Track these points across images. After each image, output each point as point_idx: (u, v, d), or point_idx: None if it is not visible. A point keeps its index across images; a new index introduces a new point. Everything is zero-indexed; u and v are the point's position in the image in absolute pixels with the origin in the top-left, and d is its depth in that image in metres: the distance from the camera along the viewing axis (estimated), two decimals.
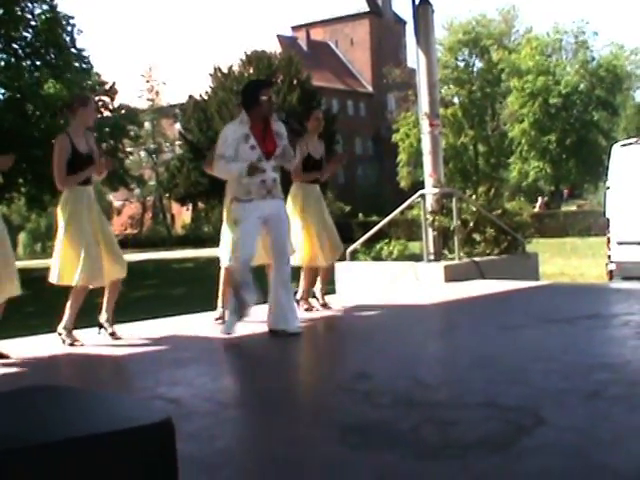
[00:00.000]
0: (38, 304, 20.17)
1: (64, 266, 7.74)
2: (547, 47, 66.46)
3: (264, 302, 8.35)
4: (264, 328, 8.13)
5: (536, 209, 49.42)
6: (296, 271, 9.41)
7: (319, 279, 9.93)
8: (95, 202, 8.09)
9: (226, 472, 4.10)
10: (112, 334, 8.08)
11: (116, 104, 44.38)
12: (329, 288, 10.20)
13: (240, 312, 7.80)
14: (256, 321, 8.50)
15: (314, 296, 9.95)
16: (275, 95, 54.47)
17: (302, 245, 9.42)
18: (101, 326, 8.15)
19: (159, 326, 9.22)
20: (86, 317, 8.33)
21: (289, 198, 9.40)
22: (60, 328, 7.92)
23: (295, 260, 9.40)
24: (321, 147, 9.71)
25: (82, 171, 7.77)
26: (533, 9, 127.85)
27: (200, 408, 5.37)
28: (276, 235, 7.88)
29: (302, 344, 7.59)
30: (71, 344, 7.82)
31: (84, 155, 7.82)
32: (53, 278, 7.82)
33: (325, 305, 9.91)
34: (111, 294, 8.09)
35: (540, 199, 53.42)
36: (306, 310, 9.58)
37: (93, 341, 7.98)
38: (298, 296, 9.77)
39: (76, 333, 7.95)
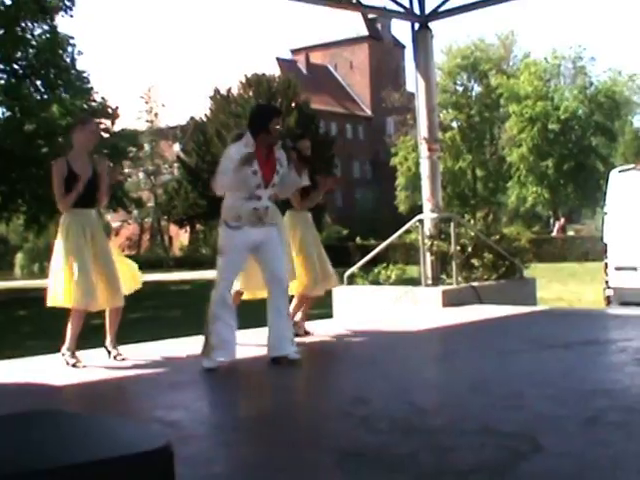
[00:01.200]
0: (35, 325, 20.14)
1: (57, 288, 7.77)
2: (545, 72, 66.64)
3: (260, 325, 8.37)
4: (261, 352, 8.12)
5: (553, 233, 49.37)
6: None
7: (304, 307, 9.88)
8: (99, 228, 8.10)
9: None
10: (116, 356, 8.10)
11: (117, 127, 44.42)
12: (326, 312, 10.18)
13: (203, 350, 7.64)
14: (253, 345, 8.49)
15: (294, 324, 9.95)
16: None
17: (299, 273, 9.44)
18: (108, 350, 8.18)
19: (156, 348, 9.21)
20: (88, 338, 8.33)
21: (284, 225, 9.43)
22: (63, 349, 7.96)
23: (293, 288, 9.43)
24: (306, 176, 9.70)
25: (80, 193, 7.79)
26: (531, 34, 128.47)
27: (197, 432, 5.37)
28: (270, 260, 7.72)
29: (299, 368, 7.57)
30: (74, 365, 7.86)
31: (82, 179, 7.83)
32: (48, 301, 7.85)
33: (307, 332, 9.81)
34: (112, 320, 8.13)
35: (557, 223, 52.93)
36: (305, 334, 9.58)
37: (93, 363, 7.98)
38: (298, 319, 9.83)
39: (79, 354, 7.97)
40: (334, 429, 5.30)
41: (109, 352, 8.17)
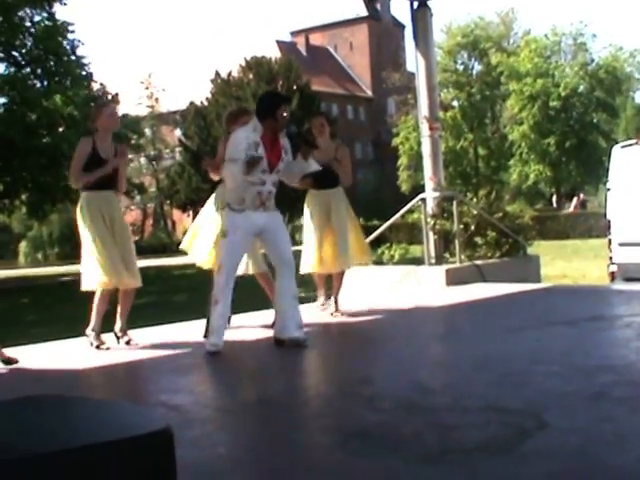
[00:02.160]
0: (39, 312, 20.17)
1: (91, 272, 7.83)
2: (546, 49, 66.43)
3: (262, 308, 8.39)
4: (265, 334, 8.12)
5: (571, 209, 49.16)
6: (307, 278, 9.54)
7: (334, 285, 9.98)
8: (117, 210, 8.17)
9: (228, 479, 4.09)
10: (128, 341, 8.14)
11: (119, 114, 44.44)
12: (329, 293, 10.19)
13: (205, 332, 7.76)
14: (256, 326, 8.50)
15: (329, 298, 10.06)
16: None
17: (310, 252, 9.51)
18: (117, 336, 8.19)
19: (161, 333, 9.22)
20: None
21: (305, 206, 9.57)
22: (88, 330, 8.06)
23: (306, 267, 9.49)
24: (332, 151, 9.69)
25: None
26: (532, 11, 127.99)
27: (201, 415, 5.37)
28: (275, 244, 7.77)
29: (303, 349, 7.57)
30: (97, 347, 7.96)
31: (105, 159, 7.89)
32: (83, 285, 7.90)
33: (337, 310, 9.90)
34: (124, 304, 8.16)
35: (575, 198, 52.52)
36: (332, 314, 9.75)
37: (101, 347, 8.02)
38: (320, 301, 9.90)
39: (103, 337, 8.02)
40: (338, 409, 5.30)
41: (118, 337, 8.19)
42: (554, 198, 69.07)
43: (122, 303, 8.18)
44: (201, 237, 8.80)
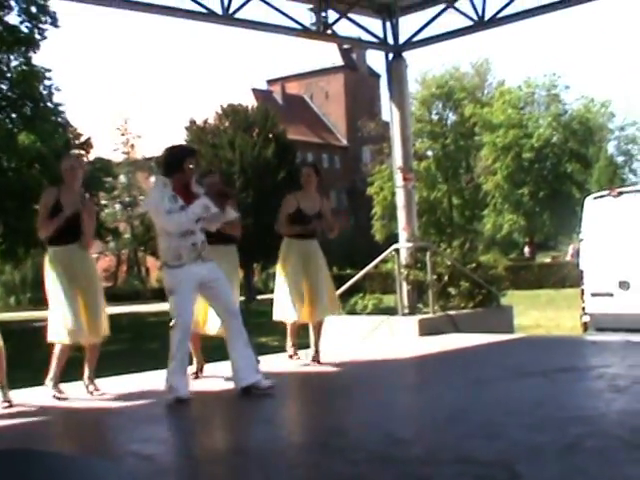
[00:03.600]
0: (13, 358, 19.98)
1: (56, 325, 7.82)
2: (520, 100, 67.03)
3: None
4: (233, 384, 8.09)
5: (567, 258, 49.09)
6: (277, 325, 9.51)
7: (311, 334, 9.95)
8: (84, 265, 8.10)
9: None
10: (93, 392, 8.08)
11: (91, 157, 44.36)
12: (302, 342, 10.17)
13: (165, 386, 7.58)
14: (228, 376, 8.46)
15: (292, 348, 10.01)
16: (250, 148, 54.78)
17: (276, 301, 9.48)
18: (85, 385, 8.15)
19: (133, 381, 9.17)
20: (66, 372, 8.30)
21: (280, 253, 9.54)
22: (47, 380, 7.98)
23: (283, 316, 9.47)
24: (318, 202, 9.73)
25: (66, 229, 7.81)
26: (506, 62, 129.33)
27: (174, 465, 5.33)
28: (217, 296, 7.72)
29: (276, 399, 7.53)
30: (57, 397, 7.88)
31: (66, 211, 7.85)
32: (49, 337, 7.90)
33: (316, 357, 9.87)
34: (90, 356, 8.13)
35: (572, 246, 52.47)
36: (312, 362, 9.73)
37: (71, 396, 7.96)
38: (290, 352, 9.84)
39: (62, 386, 7.97)
40: (311, 460, 5.27)
41: (87, 387, 8.14)
42: (526, 248, 69.33)
43: (88, 354, 8.15)
44: None
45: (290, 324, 9.82)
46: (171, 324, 7.71)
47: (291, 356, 10.06)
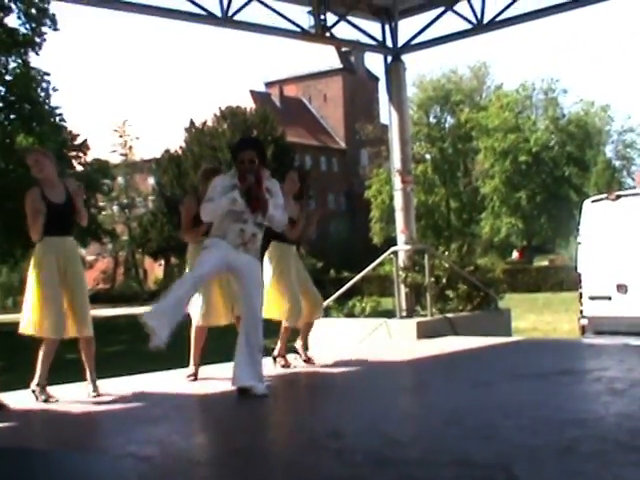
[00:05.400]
0: (10, 359, 19.98)
1: (28, 317, 7.76)
2: (517, 104, 67.11)
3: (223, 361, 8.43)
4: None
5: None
6: (273, 326, 9.44)
7: (300, 335, 9.96)
8: (73, 256, 8.06)
9: None
10: (92, 392, 8.05)
11: (89, 159, 44.39)
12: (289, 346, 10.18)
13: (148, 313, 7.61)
14: (227, 378, 8.47)
15: (295, 351, 9.97)
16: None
17: (280, 303, 9.45)
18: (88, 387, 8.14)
19: (131, 383, 9.16)
20: (62, 372, 8.29)
21: (266, 258, 9.47)
22: (33, 385, 7.88)
23: (270, 313, 9.42)
24: (296, 208, 9.74)
25: (58, 221, 7.79)
26: (505, 66, 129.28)
27: (171, 467, 5.32)
28: (245, 289, 7.73)
29: (274, 401, 7.54)
30: (45, 400, 7.79)
31: (59, 205, 7.83)
32: (20, 328, 7.82)
33: (308, 360, 9.92)
34: (85, 353, 8.08)
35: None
36: (283, 367, 9.58)
37: (67, 397, 7.94)
38: (275, 352, 9.80)
39: (50, 389, 7.92)
40: (309, 463, 5.27)
41: (88, 387, 8.11)
42: (514, 253, 69.54)
43: (83, 353, 8.10)
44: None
45: (289, 326, 9.77)
46: (195, 322, 7.73)
47: (285, 357, 10.01)
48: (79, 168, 42.78)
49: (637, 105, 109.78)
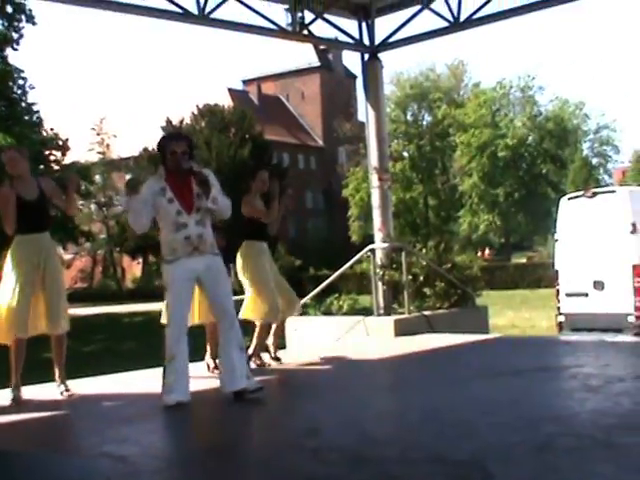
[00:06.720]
0: None
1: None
2: (494, 102, 67.30)
3: (200, 360, 8.41)
4: (211, 385, 8.06)
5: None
6: (247, 325, 9.41)
7: (272, 333, 9.93)
8: (50, 252, 8.04)
9: None
10: (62, 392, 8.00)
11: (67, 160, 44.14)
12: (279, 342, 10.18)
13: (162, 388, 7.36)
14: (204, 377, 8.46)
15: (267, 349, 9.94)
16: (226, 149, 54.76)
17: (257, 302, 9.42)
18: (58, 385, 8.09)
19: (108, 382, 9.15)
20: (37, 372, 8.25)
21: (239, 255, 9.43)
22: (13, 387, 7.84)
23: (246, 314, 9.41)
24: (263, 206, 9.72)
25: (32, 218, 7.76)
26: (483, 64, 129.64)
27: (148, 466, 5.31)
28: (214, 293, 7.52)
29: (250, 400, 7.51)
30: (20, 401, 7.75)
31: (31, 201, 7.81)
32: None
33: (276, 358, 9.92)
34: (54, 349, 8.03)
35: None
36: (258, 366, 9.54)
37: (43, 397, 7.91)
38: (250, 351, 9.74)
39: (25, 389, 7.89)
40: (285, 462, 5.27)
41: (58, 387, 8.07)
42: (486, 250, 69.82)
43: (54, 348, 8.04)
44: None
45: (266, 325, 9.74)
46: (163, 321, 7.65)
47: (277, 358, 10.02)
48: (56, 168, 42.60)
49: (610, 102, 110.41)
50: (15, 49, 35.58)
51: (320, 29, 14.44)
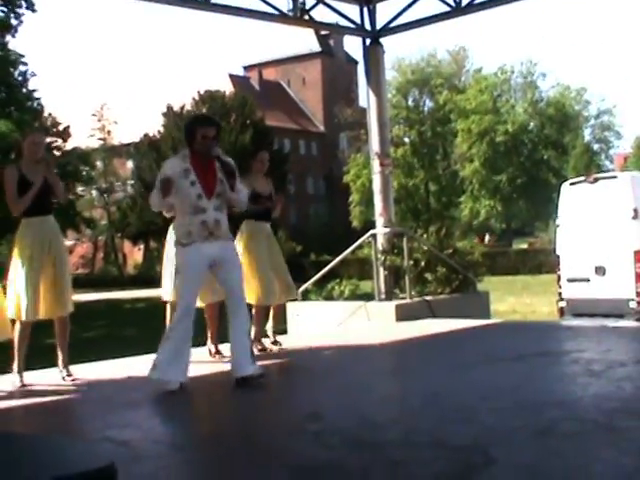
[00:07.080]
0: None
1: (9, 301, 7.73)
2: (496, 87, 67.22)
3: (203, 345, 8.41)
4: (213, 369, 8.06)
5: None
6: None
7: (271, 317, 9.92)
8: (57, 235, 8.05)
9: None
10: (65, 377, 8.00)
11: (69, 146, 44.12)
12: (281, 328, 10.18)
13: (151, 370, 7.35)
14: (206, 362, 8.46)
15: (266, 335, 9.93)
16: (227, 135, 54.63)
17: (252, 284, 9.38)
18: (60, 370, 8.08)
19: (110, 367, 9.14)
20: (40, 357, 8.26)
21: (237, 236, 9.38)
22: (14, 371, 7.85)
23: (263, 299, 9.41)
24: (269, 185, 9.72)
25: (38, 200, 7.77)
26: (485, 50, 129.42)
27: (150, 451, 5.32)
28: (225, 278, 7.49)
29: (252, 385, 7.50)
30: (22, 386, 7.75)
31: (36, 183, 7.82)
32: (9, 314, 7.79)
33: (276, 342, 9.90)
34: (58, 333, 8.03)
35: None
36: (260, 351, 9.52)
37: (45, 382, 7.91)
38: (251, 337, 9.74)
39: (27, 375, 7.89)
40: (287, 445, 5.28)
41: (60, 372, 8.07)
42: (486, 237, 69.78)
43: (58, 330, 8.03)
44: (166, 276, 8.89)
45: (262, 307, 9.69)
46: (165, 298, 7.63)
47: (277, 342, 10.02)
48: (58, 154, 42.59)
49: (611, 87, 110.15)
50: (14, 36, 35.52)
51: (321, 14, 14.41)
